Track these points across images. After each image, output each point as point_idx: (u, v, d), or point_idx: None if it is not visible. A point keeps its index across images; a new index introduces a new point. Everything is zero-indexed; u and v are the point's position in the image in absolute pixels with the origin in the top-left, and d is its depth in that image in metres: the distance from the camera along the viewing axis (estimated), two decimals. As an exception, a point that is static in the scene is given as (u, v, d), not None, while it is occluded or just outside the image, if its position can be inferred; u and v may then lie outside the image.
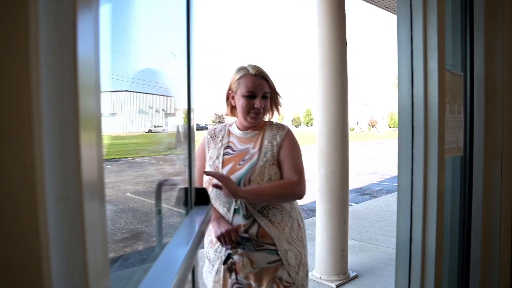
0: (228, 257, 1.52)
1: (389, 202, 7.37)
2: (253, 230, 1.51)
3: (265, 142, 1.59)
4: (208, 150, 1.66)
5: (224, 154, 1.61)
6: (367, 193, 9.15)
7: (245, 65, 1.62)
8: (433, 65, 1.07)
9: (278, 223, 1.53)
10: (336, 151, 3.34)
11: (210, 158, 1.62)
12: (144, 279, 0.65)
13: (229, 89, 1.63)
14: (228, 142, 1.65)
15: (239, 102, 1.57)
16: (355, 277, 3.54)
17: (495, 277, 1.39)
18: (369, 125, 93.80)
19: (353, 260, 3.96)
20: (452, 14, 1.32)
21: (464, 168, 1.41)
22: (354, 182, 10.22)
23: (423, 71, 1.08)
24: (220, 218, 1.55)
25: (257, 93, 1.55)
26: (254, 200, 1.52)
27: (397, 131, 1.21)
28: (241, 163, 1.56)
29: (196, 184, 1.58)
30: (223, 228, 1.49)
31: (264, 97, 1.57)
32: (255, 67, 1.59)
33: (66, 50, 0.37)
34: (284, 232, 1.53)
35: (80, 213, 0.37)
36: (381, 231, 5.30)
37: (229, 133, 1.68)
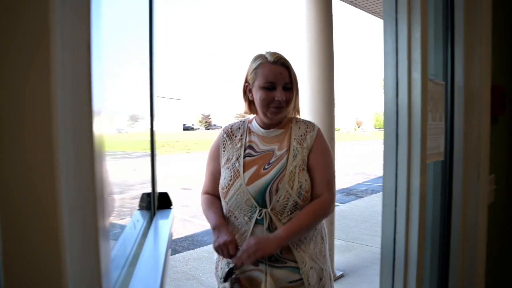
0: (230, 273, 1.32)
1: (374, 202, 7.52)
2: None
3: (294, 143, 1.37)
4: (224, 150, 1.44)
5: (245, 156, 1.39)
6: (352, 193, 9.30)
7: (263, 52, 1.39)
8: (417, 75, 1.14)
9: (304, 237, 1.35)
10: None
11: (228, 160, 1.41)
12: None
13: (246, 81, 1.41)
14: (249, 141, 1.42)
15: (257, 95, 1.35)
16: (341, 276, 3.63)
17: (472, 275, 1.47)
18: (355, 125, 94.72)
19: (339, 259, 4.05)
20: (434, 27, 1.39)
21: (444, 172, 1.49)
22: (340, 182, 10.36)
23: (407, 81, 1.15)
24: (222, 226, 1.35)
25: (277, 83, 1.32)
26: (296, 238, 1.32)
27: (382, 132, 1.28)
28: (267, 167, 1.35)
29: (207, 190, 1.50)
30: (222, 239, 1.28)
31: (285, 88, 1.34)
32: (273, 53, 1.36)
33: (81, 68, 0.42)
34: (309, 248, 1.36)
35: (94, 220, 0.42)
36: (366, 230, 5.42)
37: (249, 131, 1.45)
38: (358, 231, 5.38)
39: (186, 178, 12.03)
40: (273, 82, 1.32)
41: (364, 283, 3.52)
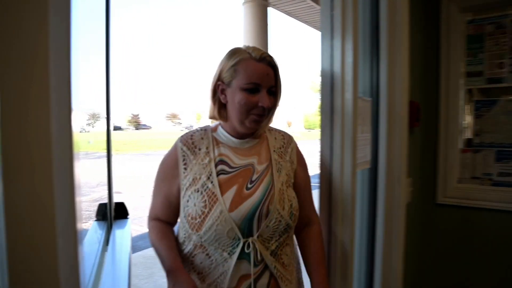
0: None
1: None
2: (264, 280, 1.09)
3: (274, 156, 1.18)
4: (186, 168, 1.11)
5: (218, 173, 1.10)
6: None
7: (242, 46, 1.13)
8: (349, 95, 1.30)
9: (288, 265, 1.16)
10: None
11: (194, 180, 1.09)
12: None
13: (218, 79, 1.12)
14: (220, 155, 1.13)
15: (235, 97, 1.08)
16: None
17: (393, 262, 1.69)
18: (286, 126, 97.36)
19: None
20: (363, 51, 1.58)
21: (370, 177, 1.69)
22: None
23: (341, 100, 1.31)
24: (179, 269, 1.03)
25: (262, 85, 1.08)
26: None
27: (311, 133, 1.42)
28: (250, 186, 1.10)
29: (157, 215, 1.17)
30: None
31: (270, 92, 1.11)
32: (258, 49, 1.11)
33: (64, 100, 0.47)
34: (294, 277, 1.18)
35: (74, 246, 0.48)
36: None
37: (216, 142, 1.16)
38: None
39: (116, 180, 11.56)
40: (257, 84, 1.07)
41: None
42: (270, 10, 4.11)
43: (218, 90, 1.13)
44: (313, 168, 1.80)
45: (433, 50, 2.24)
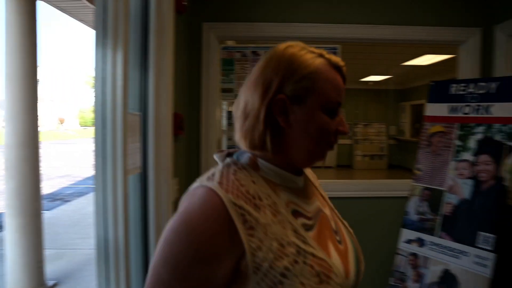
0: None
1: (82, 205, 7.49)
2: None
3: (322, 192, 0.95)
4: (253, 234, 0.68)
5: (305, 229, 0.76)
6: (58, 198, 8.81)
7: (301, 44, 0.80)
8: (119, 112, 1.50)
9: None
10: (27, 163, 3.30)
11: (280, 248, 0.69)
12: None
13: (276, 90, 0.75)
14: (289, 202, 0.78)
15: (313, 120, 0.76)
16: (55, 285, 3.62)
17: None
18: (58, 123, 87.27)
19: (51, 269, 3.98)
20: (133, 70, 1.80)
21: (142, 180, 1.94)
22: (44, 187, 9.60)
23: (112, 115, 1.49)
24: None
25: (341, 104, 0.80)
26: None
27: (88, 130, 1.55)
28: (338, 238, 0.83)
29: None
30: None
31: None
32: (329, 53, 0.80)
33: None
34: None
35: None
36: (76, 234, 5.44)
37: (272, 184, 0.79)
38: (67, 236, 5.33)
39: None
40: (339, 103, 0.78)
41: (80, 285, 3.65)
42: (42, 5, 3.83)
43: (276, 109, 0.76)
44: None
45: (196, 69, 2.69)
